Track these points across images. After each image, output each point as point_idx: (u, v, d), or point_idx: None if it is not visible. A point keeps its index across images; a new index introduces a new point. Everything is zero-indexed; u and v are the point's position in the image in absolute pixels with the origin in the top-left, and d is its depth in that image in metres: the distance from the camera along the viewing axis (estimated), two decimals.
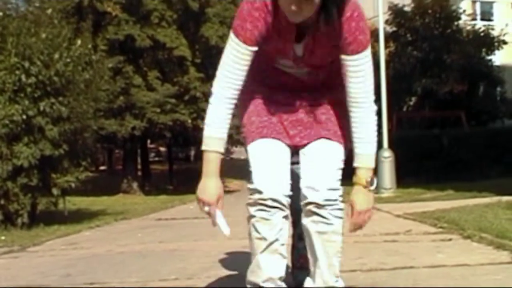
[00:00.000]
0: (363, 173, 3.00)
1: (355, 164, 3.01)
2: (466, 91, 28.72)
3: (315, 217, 2.98)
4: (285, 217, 3.00)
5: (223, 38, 27.63)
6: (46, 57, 10.77)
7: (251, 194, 2.97)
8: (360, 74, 2.90)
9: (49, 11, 12.51)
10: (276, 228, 2.96)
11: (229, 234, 2.91)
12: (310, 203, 2.98)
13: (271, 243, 2.97)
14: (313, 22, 2.79)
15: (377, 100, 17.63)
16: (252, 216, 2.97)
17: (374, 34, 16.98)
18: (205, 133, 2.95)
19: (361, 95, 2.94)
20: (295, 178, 3.06)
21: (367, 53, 2.89)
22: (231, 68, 2.90)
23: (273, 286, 3.01)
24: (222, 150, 2.95)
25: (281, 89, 3.09)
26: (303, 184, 3.02)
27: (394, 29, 30.91)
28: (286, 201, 2.97)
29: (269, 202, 2.92)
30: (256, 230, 2.97)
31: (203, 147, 2.95)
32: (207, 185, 2.92)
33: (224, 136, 2.95)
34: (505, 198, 10.12)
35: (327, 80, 3.09)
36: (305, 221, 3.03)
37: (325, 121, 3.08)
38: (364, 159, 3.01)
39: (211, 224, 2.96)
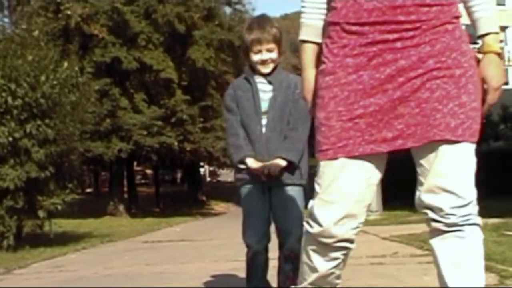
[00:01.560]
0: (494, 38, 2.45)
1: (480, 32, 2.46)
2: None
3: (452, 235, 2.63)
4: (346, 253, 2.63)
5: (210, 60, 27.72)
6: (32, 79, 10.78)
7: (312, 224, 2.55)
8: None
9: (36, 33, 12.52)
10: (333, 261, 2.60)
11: None
12: (450, 223, 2.61)
13: (322, 276, 2.61)
14: None
15: None
16: (309, 244, 2.60)
17: None
18: (302, 20, 2.66)
19: None
20: None
21: None
22: None
23: None
24: (319, 40, 2.61)
25: (367, 44, 2.40)
26: (432, 200, 2.57)
27: None
28: (354, 237, 2.59)
29: (334, 245, 2.55)
30: (309, 257, 2.61)
31: (300, 37, 2.66)
32: (305, 79, 2.64)
33: (321, 23, 2.60)
34: (491, 221, 10.11)
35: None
36: (440, 244, 2.66)
37: (436, 107, 2.43)
38: (491, 22, 2.46)
39: None
